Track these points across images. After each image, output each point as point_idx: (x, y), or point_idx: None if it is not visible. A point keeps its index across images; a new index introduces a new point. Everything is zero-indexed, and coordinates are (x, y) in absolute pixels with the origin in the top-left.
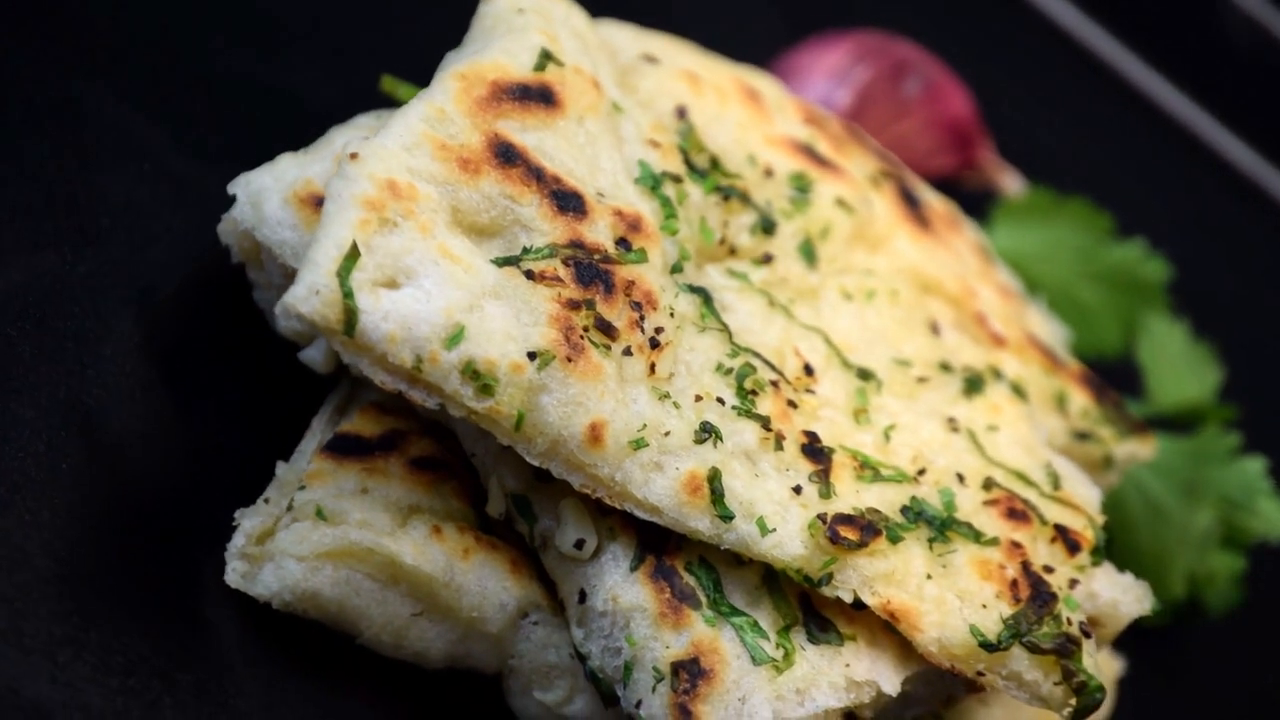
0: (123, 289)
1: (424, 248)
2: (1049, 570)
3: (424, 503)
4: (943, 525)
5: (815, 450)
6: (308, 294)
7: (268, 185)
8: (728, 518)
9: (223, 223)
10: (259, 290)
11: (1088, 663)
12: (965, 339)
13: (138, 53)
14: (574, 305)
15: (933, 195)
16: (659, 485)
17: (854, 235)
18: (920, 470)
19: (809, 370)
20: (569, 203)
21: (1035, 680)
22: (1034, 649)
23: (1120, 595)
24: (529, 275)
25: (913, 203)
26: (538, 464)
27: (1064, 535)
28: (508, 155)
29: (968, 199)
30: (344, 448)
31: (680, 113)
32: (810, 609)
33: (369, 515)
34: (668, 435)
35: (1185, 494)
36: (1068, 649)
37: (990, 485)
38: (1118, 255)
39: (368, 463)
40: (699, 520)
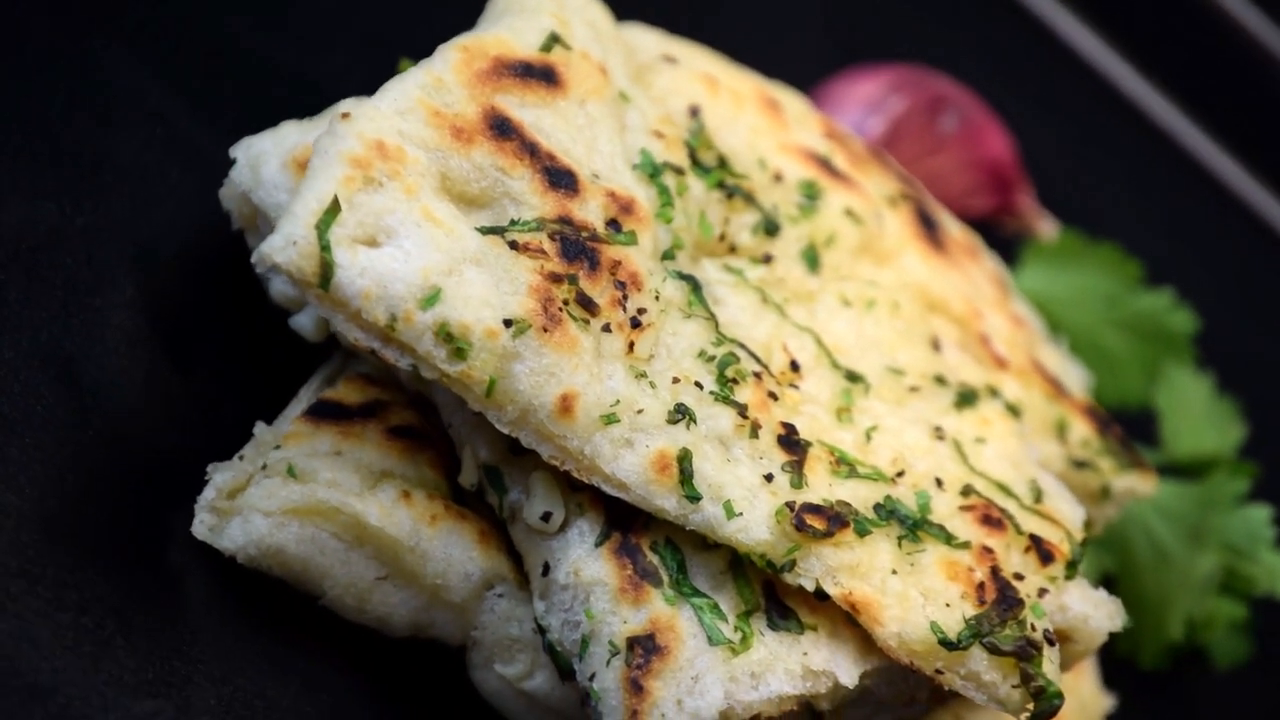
0: (120, 246)
1: (407, 209)
2: (1019, 578)
3: (397, 469)
4: (915, 525)
5: (791, 442)
6: (284, 244)
7: (267, 149)
8: (695, 498)
9: (224, 187)
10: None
11: (1048, 669)
12: (967, 359)
13: (163, 22)
14: (556, 278)
15: (954, 223)
16: (628, 461)
17: (861, 247)
18: (899, 472)
19: (795, 366)
20: (561, 180)
21: (993, 681)
22: (994, 650)
23: (1092, 610)
24: (513, 245)
25: (929, 225)
26: (508, 432)
27: (1038, 545)
28: (503, 128)
29: (1000, 242)
30: (324, 412)
31: (693, 111)
32: (774, 597)
33: (339, 475)
34: (641, 413)
35: (1190, 539)
36: (1028, 652)
37: (969, 492)
38: (1145, 303)
39: (345, 427)
40: (665, 499)
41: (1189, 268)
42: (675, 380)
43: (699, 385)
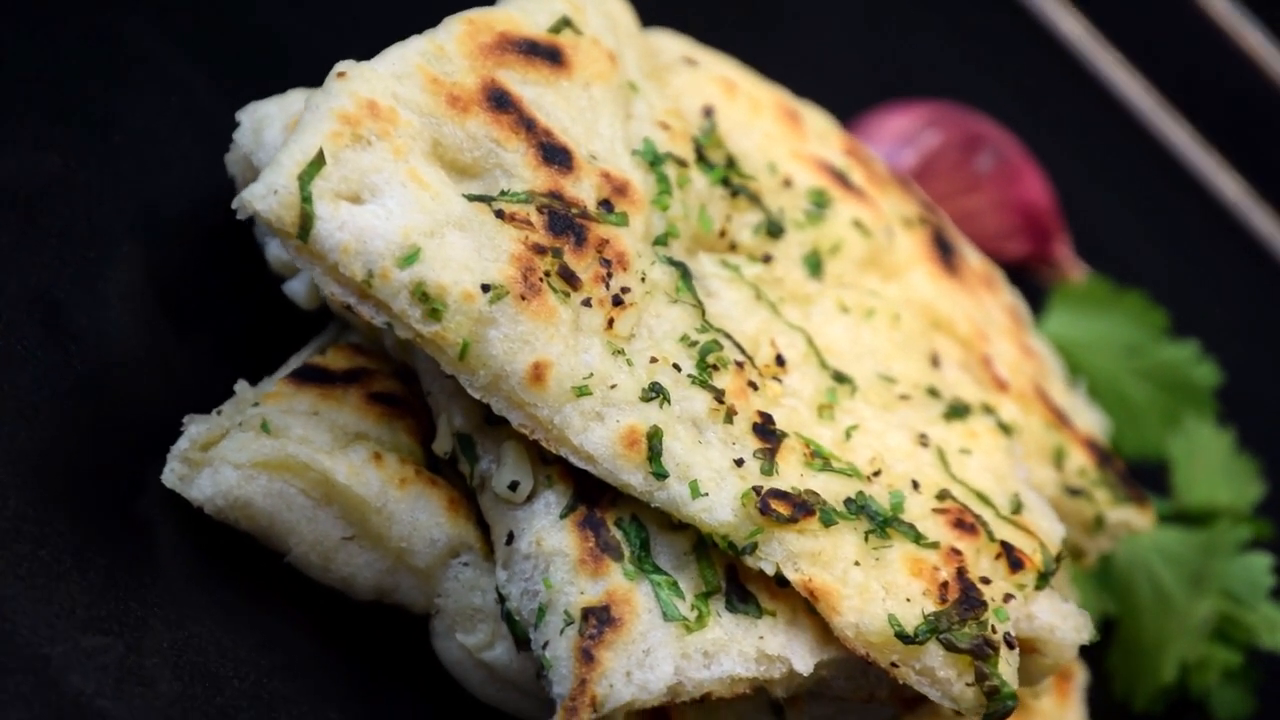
0: (121, 203)
1: (393, 169)
2: (985, 581)
3: (372, 432)
4: (884, 522)
5: (767, 431)
6: (265, 192)
7: (272, 113)
8: (661, 475)
9: (230, 152)
10: (260, 225)
11: (1005, 670)
12: (966, 378)
13: None
14: (540, 250)
15: (974, 255)
16: (597, 434)
17: (867, 260)
18: (876, 471)
19: (780, 361)
20: (556, 156)
21: (948, 678)
22: (950, 646)
23: (1059, 621)
24: (499, 214)
25: (945, 249)
26: (480, 398)
27: (1009, 552)
28: (501, 101)
29: (1031, 288)
30: (307, 375)
31: (706, 111)
32: (735, 581)
33: (312, 434)
34: (614, 388)
35: (1191, 584)
36: (984, 651)
37: (945, 497)
38: (1169, 354)
39: (326, 390)
40: (632, 474)
41: (1218, 321)
42: (653, 360)
43: (677, 367)
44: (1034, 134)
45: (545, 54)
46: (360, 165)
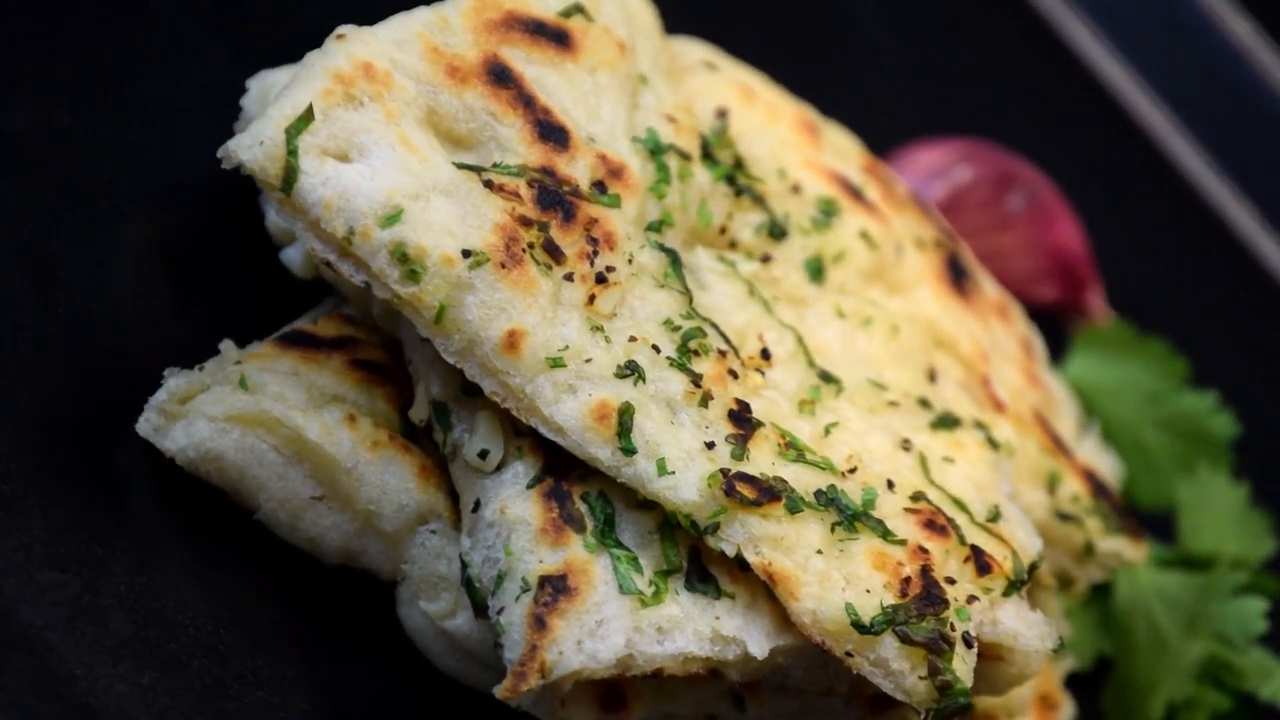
0: (128, 165)
1: (383, 131)
2: (950, 581)
3: (350, 396)
4: (853, 516)
5: (742, 418)
6: (252, 143)
7: (280, 81)
8: (629, 451)
9: (238, 121)
10: (264, 195)
11: (959, 667)
12: (963, 396)
13: None
14: (526, 222)
15: (990, 283)
16: (568, 406)
17: (872, 272)
18: (851, 469)
19: (765, 354)
20: (552, 134)
21: (901, 670)
22: (905, 639)
23: (1024, 629)
24: (488, 185)
25: (957, 273)
26: (454, 362)
27: (978, 556)
28: (501, 76)
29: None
30: (293, 340)
31: (720, 113)
32: (697, 563)
33: (288, 392)
34: (589, 362)
35: (1187, 625)
36: (939, 646)
37: (919, 498)
38: (1187, 404)
39: (309, 354)
40: (600, 448)
41: (1242, 374)
42: (632, 339)
43: (656, 349)
44: (1074, 182)
45: (552, 35)
46: (350, 124)
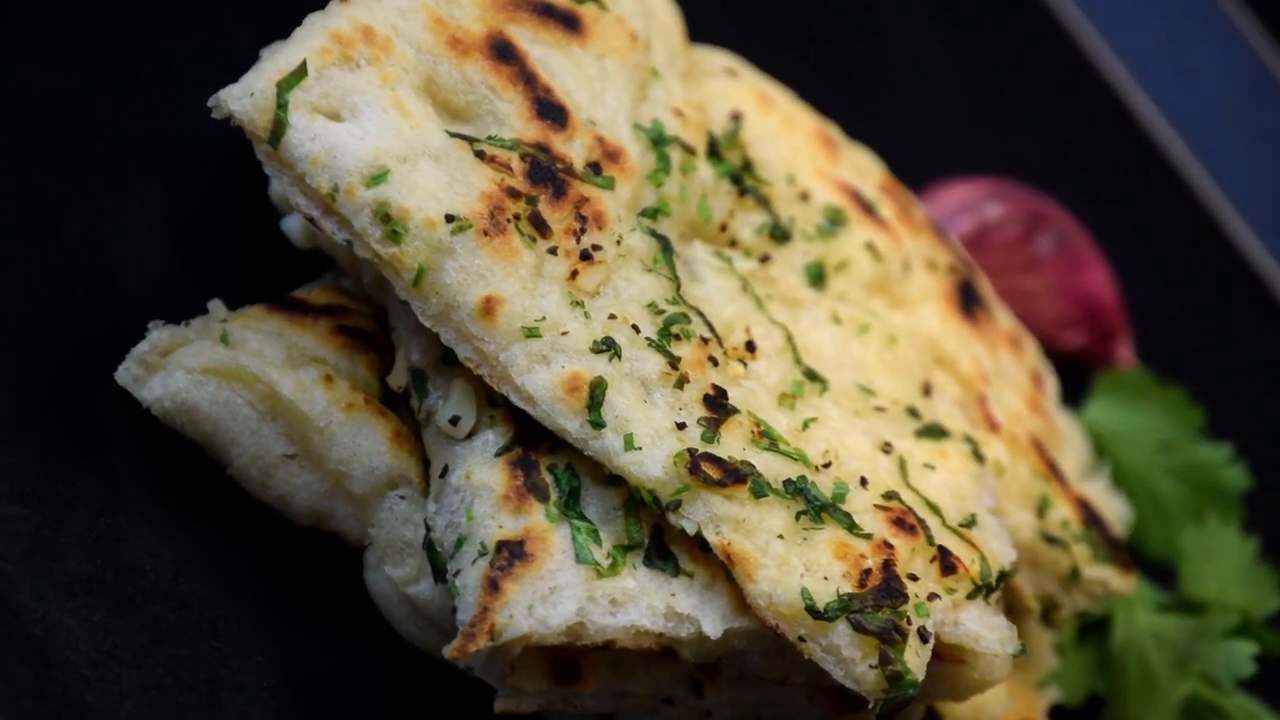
0: (138, 129)
1: (377, 93)
2: (913, 578)
3: (330, 359)
4: (821, 507)
5: (717, 404)
6: (242, 94)
7: None
8: (598, 425)
9: None
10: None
11: (910, 658)
12: (957, 413)
13: None
14: (514, 194)
15: (1005, 315)
16: (540, 376)
17: (875, 284)
18: (826, 464)
19: (750, 347)
20: (551, 112)
21: (852, 658)
22: (858, 627)
23: (985, 632)
24: (479, 155)
25: (968, 297)
26: (430, 326)
27: (944, 556)
28: (504, 52)
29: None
30: (284, 304)
31: (733, 116)
32: (659, 541)
33: (267, 349)
34: (565, 335)
35: (1177, 666)
36: (891, 636)
37: (892, 497)
38: (1201, 454)
39: (295, 317)
40: (569, 420)
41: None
42: (612, 317)
43: (636, 329)
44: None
45: (561, 18)
46: (344, 85)
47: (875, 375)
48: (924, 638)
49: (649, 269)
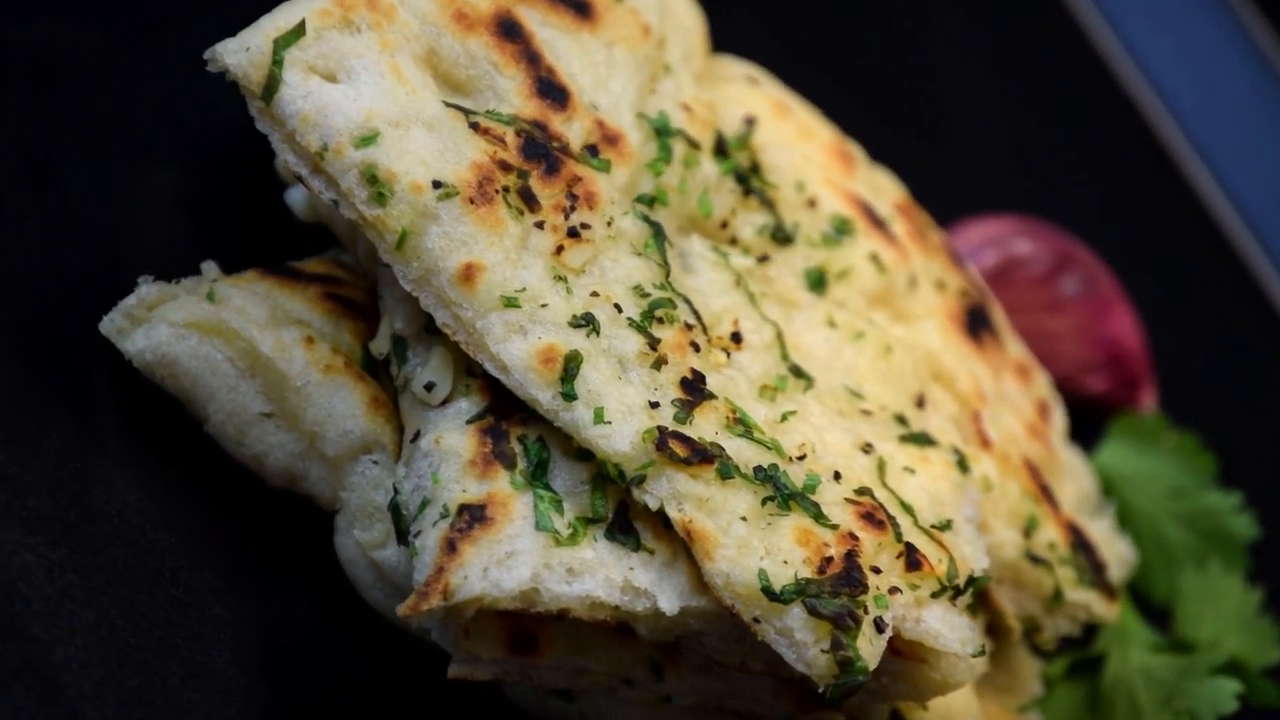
0: (151, 95)
1: (375, 58)
2: (876, 571)
3: (315, 323)
4: (790, 496)
5: (694, 387)
6: (238, 49)
7: None
8: (570, 397)
9: None
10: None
11: (863, 645)
12: (950, 428)
13: None
14: (505, 167)
15: (1016, 344)
16: (515, 346)
17: (878, 295)
18: (801, 456)
19: (736, 338)
20: (552, 92)
21: (804, 642)
22: (813, 611)
23: (947, 630)
24: (473, 126)
25: (976, 321)
26: (410, 290)
27: (910, 553)
28: (511, 30)
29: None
30: (278, 270)
31: (748, 120)
32: (623, 516)
33: (251, 308)
34: (544, 307)
35: (1163, 703)
36: (845, 622)
37: (864, 493)
38: (1210, 501)
39: (286, 282)
40: (541, 391)
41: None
42: (594, 294)
43: (618, 308)
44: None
45: (572, 3)
46: (342, 48)
47: (866, 381)
48: (880, 628)
49: (638, 253)
